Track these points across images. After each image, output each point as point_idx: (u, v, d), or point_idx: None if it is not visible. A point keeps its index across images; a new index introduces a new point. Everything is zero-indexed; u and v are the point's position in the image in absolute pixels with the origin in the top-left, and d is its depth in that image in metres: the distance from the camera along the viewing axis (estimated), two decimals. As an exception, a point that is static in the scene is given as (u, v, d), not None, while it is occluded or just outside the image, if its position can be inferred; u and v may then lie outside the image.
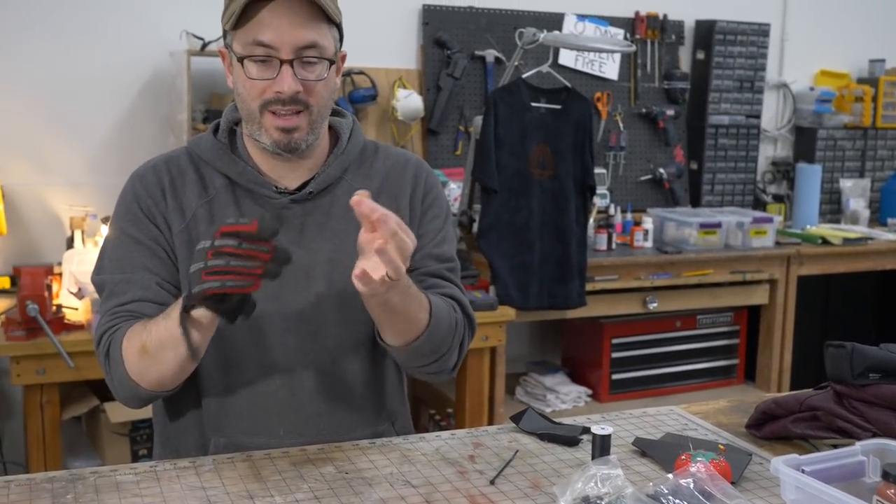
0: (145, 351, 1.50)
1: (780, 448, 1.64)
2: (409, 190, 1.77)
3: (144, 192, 1.65)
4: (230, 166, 1.67)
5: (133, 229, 1.64)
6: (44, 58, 3.44)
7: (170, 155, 1.72)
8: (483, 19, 4.13)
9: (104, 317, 1.61)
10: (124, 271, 1.62)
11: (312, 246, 1.67)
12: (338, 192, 1.71)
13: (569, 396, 3.94)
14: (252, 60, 1.56)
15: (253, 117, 1.61)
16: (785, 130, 4.90)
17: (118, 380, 1.57)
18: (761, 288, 4.16)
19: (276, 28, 1.54)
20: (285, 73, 1.56)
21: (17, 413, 3.38)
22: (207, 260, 1.36)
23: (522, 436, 1.68)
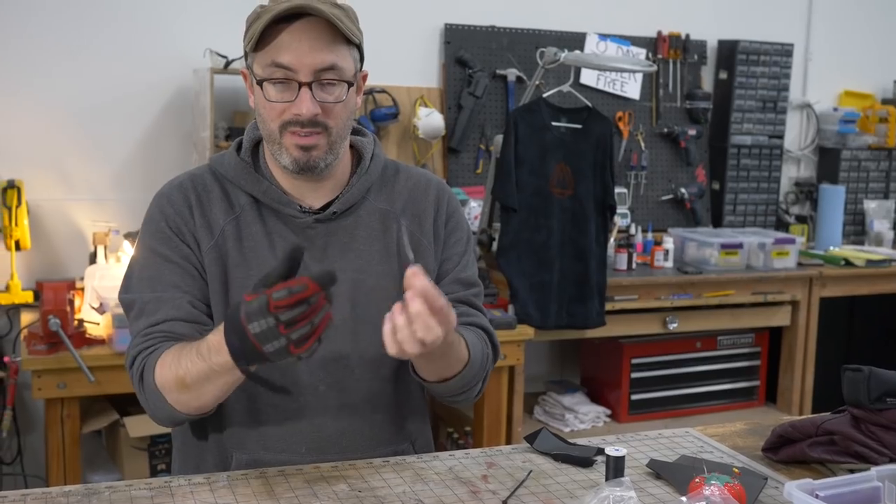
0: (185, 385, 1.49)
1: (796, 472, 1.63)
2: (433, 213, 1.78)
3: (172, 211, 1.66)
4: (254, 185, 1.68)
5: (163, 248, 1.64)
6: (69, 75, 3.49)
7: (193, 173, 1.73)
8: (505, 38, 4.14)
9: (137, 337, 1.60)
10: (155, 290, 1.62)
11: (336, 266, 1.67)
12: (361, 212, 1.72)
13: (588, 416, 3.92)
14: (271, 82, 1.57)
15: (273, 138, 1.62)
16: (808, 151, 4.88)
17: (154, 403, 1.56)
18: (783, 309, 4.13)
19: (295, 50, 1.55)
20: (304, 96, 1.57)
21: (39, 426, 3.41)
22: (288, 335, 1.31)
23: (536, 456, 1.68)
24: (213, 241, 1.65)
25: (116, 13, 3.53)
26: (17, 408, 3.30)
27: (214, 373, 1.45)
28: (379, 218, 1.73)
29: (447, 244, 1.79)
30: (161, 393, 1.53)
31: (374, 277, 1.70)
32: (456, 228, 1.81)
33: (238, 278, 1.64)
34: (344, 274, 1.66)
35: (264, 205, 1.68)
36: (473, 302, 1.80)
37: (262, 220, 1.67)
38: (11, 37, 3.40)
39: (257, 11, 1.59)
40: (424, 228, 1.76)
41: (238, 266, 1.65)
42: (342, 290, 1.65)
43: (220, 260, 1.64)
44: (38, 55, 3.44)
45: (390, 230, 1.73)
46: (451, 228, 1.80)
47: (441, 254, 1.78)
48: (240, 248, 1.65)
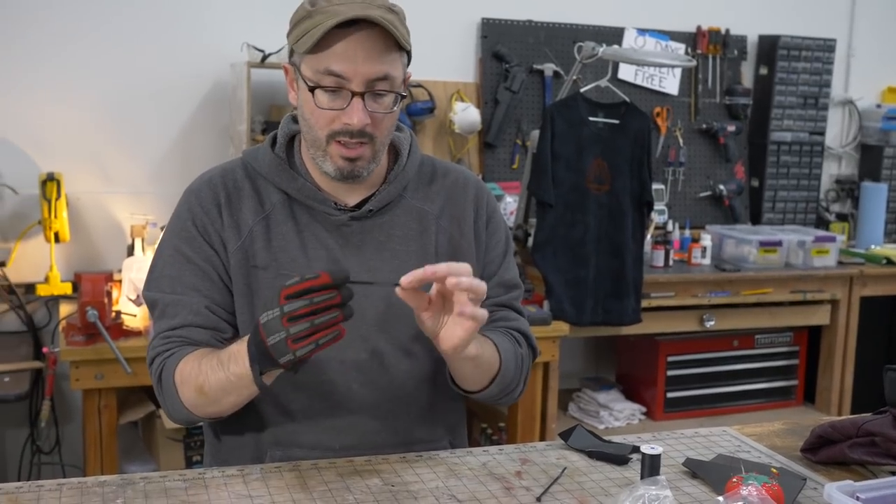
0: (203, 393, 1.51)
1: (836, 473, 1.60)
2: (472, 214, 1.76)
3: (200, 210, 1.64)
4: (289, 182, 1.65)
5: (186, 247, 1.63)
6: (108, 69, 3.52)
7: (225, 167, 1.70)
8: (542, 33, 4.12)
9: (156, 339, 1.61)
10: (175, 291, 1.61)
11: (371, 265, 1.66)
12: (398, 211, 1.70)
13: (622, 414, 3.89)
14: (323, 90, 1.54)
15: (318, 144, 1.59)
16: (850, 148, 4.81)
17: (171, 406, 1.58)
18: (822, 308, 4.07)
19: (351, 59, 1.52)
20: (356, 106, 1.54)
21: (77, 417, 3.45)
22: (288, 328, 1.35)
23: (571, 453, 1.67)
24: (241, 242, 1.63)
25: (155, 7, 3.55)
26: (55, 398, 3.32)
27: (231, 384, 1.47)
28: (416, 217, 1.71)
29: (488, 246, 1.77)
30: (179, 397, 1.55)
31: None
32: (496, 229, 1.80)
33: (266, 279, 1.62)
34: (380, 274, 1.65)
35: (297, 202, 1.66)
36: (514, 305, 1.81)
37: (293, 218, 1.65)
38: (52, 31, 3.43)
39: (307, 9, 1.56)
40: (464, 230, 1.74)
41: (266, 268, 1.62)
42: (377, 290, 1.64)
43: (247, 261, 1.63)
44: (77, 49, 3.47)
45: (428, 231, 1.71)
46: (492, 230, 1.79)
47: (484, 255, 1.77)
48: (268, 248, 1.63)
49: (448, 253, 1.72)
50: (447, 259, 1.68)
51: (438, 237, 1.72)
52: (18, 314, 3.41)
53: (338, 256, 1.64)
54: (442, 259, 1.69)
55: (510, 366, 1.67)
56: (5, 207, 3.43)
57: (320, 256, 1.63)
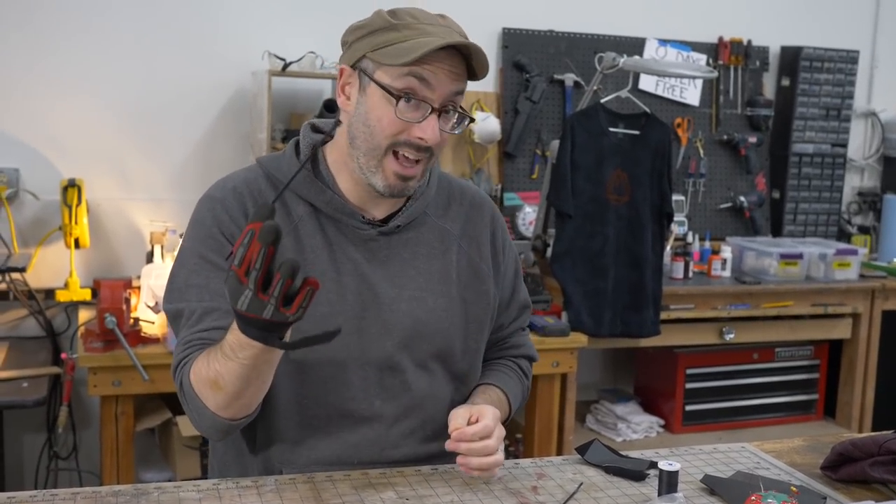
0: (219, 387, 1.44)
1: (857, 492, 1.58)
2: (489, 237, 1.79)
3: (227, 217, 1.59)
4: (317, 195, 1.62)
5: (214, 255, 1.57)
6: (129, 76, 3.53)
7: (246, 176, 1.66)
8: (563, 43, 4.11)
9: (178, 346, 1.56)
10: (203, 299, 1.55)
11: (397, 281, 1.65)
12: (423, 228, 1.70)
13: (640, 426, 3.87)
14: (406, 99, 1.53)
15: (374, 153, 1.56)
16: (873, 160, 4.77)
17: (197, 412, 1.51)
18: (844, 322, 4.04)
19: (434, 75, 1.52)
20: (432, 121, 1.54)
21: (94, 423, 3.46)
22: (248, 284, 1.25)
23: (588, 468, 1.65)
24: None
25: (178, 15, 3.57)
26: (73, 404, 3.34)
27: (245, 367, 1.39)
28: (439, 236, 1.72)
29: (505, 265, 1.81)
30: (200, 399, 1.48)
31: (434, 296, 1.68)
32: (509, 251, 1.84)
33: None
34: (405, 290, 1.66)
35: (324, 214, 1.63)
36: (525, 325, 1.91)
37: (322, 231, 1.62)
38: (73, 37, 3.45)
39: (389, 21, 1.54)
40: (483, 253, 1.76)
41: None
42: (403, 305, 1.65)
43: None
44: (99, 56, 3.49)
45: (450, 250, 1.72)
46: (507, 249, 1.83)
47: (502, 278, 1.80)
48: (301, 260, 1.55)
49: (468, 275, 1.73)
50: (467, 280, 1.73)
51: (459, 258, 1.73)
52: (38, 319, 3.42)
53: (365, 270, 1.63)
54: (462, 279, 1.73)
55: (516, 405, 1.79)
56: (26, 213, 3.45)
57: (348, 270, 1.62)
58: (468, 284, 1.72)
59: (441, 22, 1.57)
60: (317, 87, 3.69)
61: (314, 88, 3.70)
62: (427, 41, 1.51)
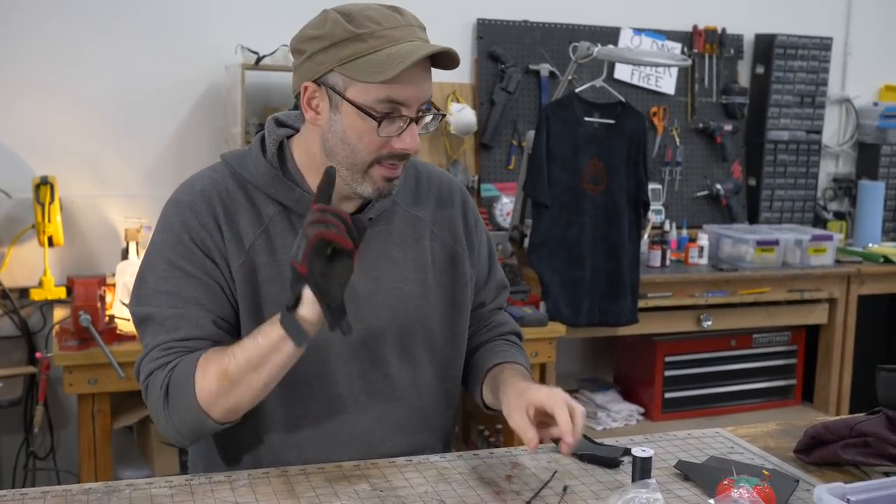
0: (226, 376, 1.45)
1: (829, 474, 1.59)
2: (461, 219, 1.78)
3: (197, 223, 1.57)
4: (286, 194, 1.60)
5: (184, 262, 1.55)
6: (101, 72, 3.50)
7: (214, 177, 1.62)
8: (538, 33, 4.10)
9: (155, 350, 1.53)
10: (175, 306, 1.54)
11: (373, 274, 1.65)
12: (394, 218, 1.70)
13: (620, 415, 3.88)
14: (387, 118, 1.50)
15: (357, 167, 1.55)
16: (847, 146, 4.80)
17: (180, 413, 1.49)
18: (820, 307, 4.06)
19: (414, 86, 1.51)
20: (412, 131, 1.53)
21: (72, 422, 3.43)
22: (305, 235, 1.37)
23: (562, 456, 1.65)
24: (244, 259, 1.57)
25: (149, 10, 3.54)
26: (50, 403, 3.32)
27: (260, 347, 1.42)
28: (411, 224, 1.71)
29: (478, 247, 1.81)
30: (195, 397, 1.47)
31: (410, 285, 1.68)
32: (481, 231, 1.83)
33: (272, 293, 1.57)
34: (382, 282, 1.65)
35: (294, 213, 1.61)
36: (505, 305, 1.90)
37: (293, 230, 1.60)
38: (45, 33, 3.42)
39: (352, 31, 1.49)
40: (456, 235, 1.76)
41: (272, 282, 1.58)
42: (381, 298, 1.65)
43: (252, 276, 1.57)
44: (71, 52, 3.46)
45: (423, 237, 1.72)
46: (479, 231, 1.82)
47: (476, 258, 1.79)
48: (273, 262, 1.58)
49: (443, 259, 1.73)
50: (442, 265, 1.73)
51: (433, 244, 1.73)
52: (12, 319, 3.40)
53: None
54: (438, 265, 1.72)
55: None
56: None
57: None
58: (444, 269, 1.72)
59: (401, 21, 1.52)
60: (291, 80, 3.66)
61: (288, 82, 3.58)
62: (399, 54, 1.47)
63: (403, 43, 1.49)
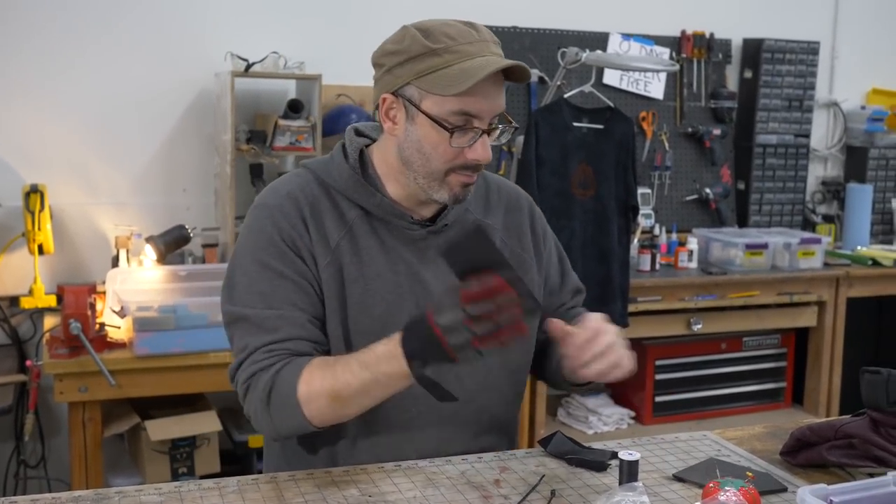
0: (339, 398, 1.50)
1: (815, 476, 1.60)
2: (529, 227, 1.83)
3: (287, 224, 1.63)
4: (367, 198, 1.66)
5: (277, 263, 1.61)
6: (91, 80, 3.51)
7: (299, 182, 1.69)
8: (527, 39, 4.12)
9: (258, 353, 1.57)
10: (272, 307, 1.59)
11: (446, 278, 1.66)
12: (466, 226, 1.73)
13: (611, 419, 3.89)
14: (459, 130, 1.56)
15: (434, 176, 1.61)
16: (835, 150, 4.82)
17: (282, 419, 1.54)
18: (809, 310, 4.08)
19: (486, 99, 1.55)
20: (485, 143, 1.58)
21: (63, 430, 3.43)
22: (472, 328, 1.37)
23: (550, 460, 1.67)
24: (331, 258, 1.63)
25: (138, 17, 3.55)
26: (41, 412, 3.32)
27: (378, 383, 1.46)
28: None
29: (549, 255, 1.86)
30: (301, 408, 1.51)
31: None
32: (550, 238, 1.89)
33: (355, 293, 1.63)
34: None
35: (375, 217, 1.67)
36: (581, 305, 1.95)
37: (374, 233, 1.67)
38: (34, 41, 3.43)
39: (428, 46, 1.56)
40: (524, 244, 1.81)
41: (355, 281, 1.63)
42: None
43: (338, 276, 1.63)
44: (61, 59, 3.46)
45: None
46: (547, 240, 1.87)
47: (547, 266, 1.85)
48: (357, 262, 1.64)
49: (514, 265, 1.74)
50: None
51: (503, 250, 1.75)
52: (3, 327, 3.39)
53: (418, 270, 1.67)
54: None
55: None
56: (-12, 220, 3.43)
57: (402, 270, 1.67)
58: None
59: (475, 37, 1.57)
60: (280, 87, 3.68)
61: (278, 89, 3.69)
62: (472, 68, 1.53)
63: (477, 58, 1.55)
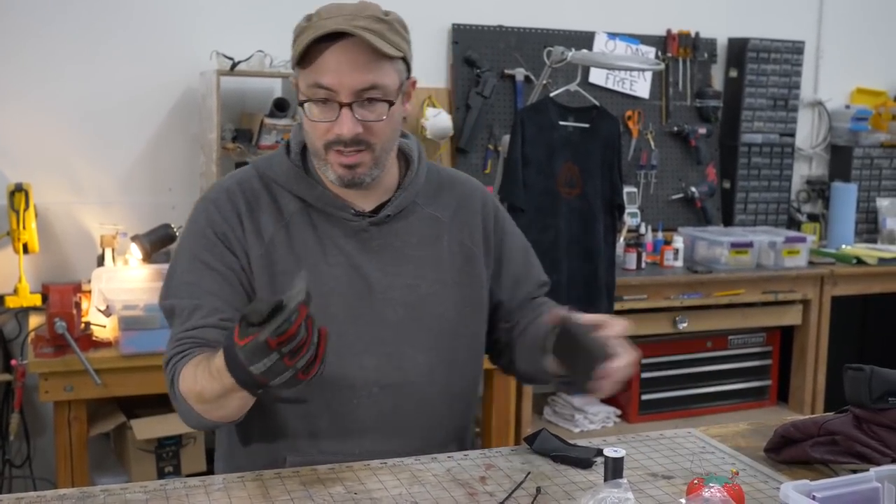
0: (204, 399, 1.50)
1: (799, 472, 1.61)
2: (480, 222, 1.81)
3: (220, 217, 1.65)
4: (307, 190, 1.67)
5: (206, 255, 1.64)
6: (76, 78, 3.50)
7: (241, 177, 1.72)
8: (513, 38, 4.12)
9: (171, 342, 1.61)
10: (194, 296, 1.61)
11: (390, 270, 1.69)
12: (412, 217, 1.73)
13: (597, 417, 3.90)
14: (314, 102, 1.57)
15: (318, 154, 1.63)
16: (820, 149, 4.84)
17: (184, 410, 1.57)
18: (794, 308, 4.10)
19: (336, 71, 1.55)
20: (345, 117, 1.56)
21: (48, 429, 3.42)
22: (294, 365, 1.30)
23: (536, 457, 1.67)
24: (264, 250, 1.64)
25: (123, 15, 3.54)
26: (26, 411, 3.31)
27: (228, 391, 1.44)
28: (429, 224, 1.75)
29: (504, 248, 1.83)
30: (187, 402, 1.54)
31: (428, 283, 1.72)
32: (510, 232, 1.86)
33: (286, 285, 1.59)
34: (399, 279, 1.69)
35: (315, 209, 1.68)
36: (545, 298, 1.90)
37: (312, 226, 1.67)
38: (19, 40, 3.41)
39: (302, 25, 1.59)
40: (475, 238, 1.79)
41: (288, 273, 1.63)
42: (397, 294, 1.68)
43: (271, 268, 1.64)
44: (45, 58, 3.45)
45: (441, 237, 1.75)
46: (506, 231, 1.85)
47: (501, 257, 1.82)
48: (291, 255, 1.65)
49: (460, 259, 1.77)
50: (460, 265, 1.75)
51: (451, 244, 1.76)
52: (-12, 327, 3.39)
53: (357, 262, 1.67)
54: (455, 264, 1.75)
55: None
56: (-27, 219, 3.41)
57: (340, 262, 1.66)
58: (461, 268, 1.76)
59: (347, 10, 1.56)
60: (266, 85, 3.68)
61: (263, 87, 3.69)
62: (307, 39, 1.55)
63: (324, 31, 1.54)
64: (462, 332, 1.76)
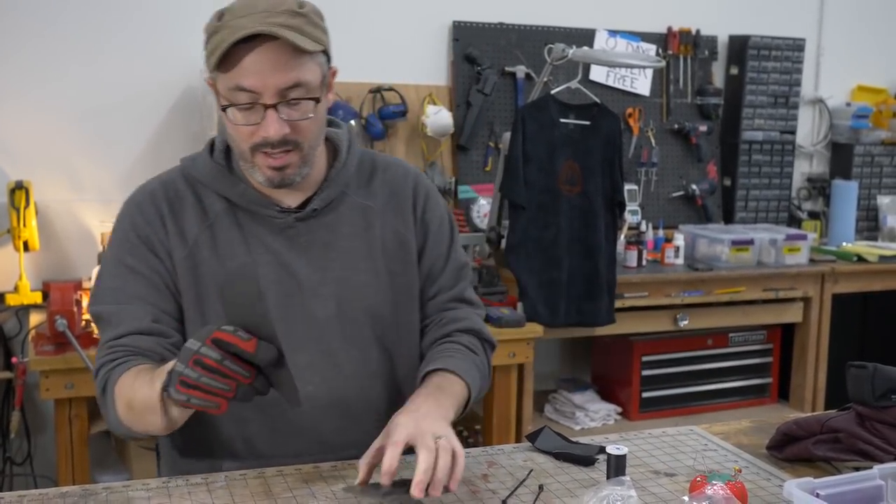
0: (131, 408, 1.47)
1: (801, 470, 1.61)
2: (411, 206, 1.77)
3: (142, 220, 1.63)
4: (230, 188, 1.64)
5: (129, 258, 1.62)
6: (77, 76, 3.49)
7: (165, 178, 1.69)
8: (513, 35, 4.12)
9: (101, 350, 1.58)
10: (119, 302, 1.59)
11: (320, 264, 1.66)
12: (342, 208, 1.70)
13: (598, 414, 3.90)
14: (236, 106, 1.53)
15: (244, 157, 1.59)
16: (821, 146, 4.84)
17: (111, 420, 1.55)
18: (795, 306, 4.10)
19: (258, 73, 1.50)
20: (270, 119, 1.52)
21: (49, 427, 3.42)
22: (187, 366, 1.28)
23: (538, 455, 1.67)
24: (187, 251, 1.62)
25: (123, 13, 3.53)
26: (27, 409, 3.31)
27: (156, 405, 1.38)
28: (360, 214, 1.72)
29: (432, 234, 1.77)
30: (116, 411, 1.51)
31: (359, 274, 1.69)
32: (435, 215, 1.79)
33: (213, 286, 1.61)
34: (329, 273, 1.66)
35: (240, 208, 1.65)
36: (465, 297, 1.81)
37: (238, 225, 1.64)
38: (21, 38, 3.41)
39: (215, 25, 1.54)
40: (407, 223, 1.75)
41: (214, 274, 1.61)
42: (328, 289, 1.66)
43: (195, 269, 1.62)
44: (46, 56, 3.45)
45: (373, 226, 1.72)
46: (433, 215, 1.78)
47: (426, 241, 1.77)
48: (215, 255, 1.63)
49: (394, 247, 1.73)
50: (393, 252, 1.71)
51: (384, 232, 1.73)
52: (-12, 324, 3.38)
53: (285, 259, 1.64)
54: (388, 253, 1.71)
55: (476, 384, 1.70)
56: (-27, 217, 3.40)
57: (267, 261, 1.64)
58: (395, 256, 1.73)
59: (257, 8, 1.51)
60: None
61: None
62: (224, 41, 1.49)
63: (241, 31, 1.49)
64: (399, 321, 1.73)
